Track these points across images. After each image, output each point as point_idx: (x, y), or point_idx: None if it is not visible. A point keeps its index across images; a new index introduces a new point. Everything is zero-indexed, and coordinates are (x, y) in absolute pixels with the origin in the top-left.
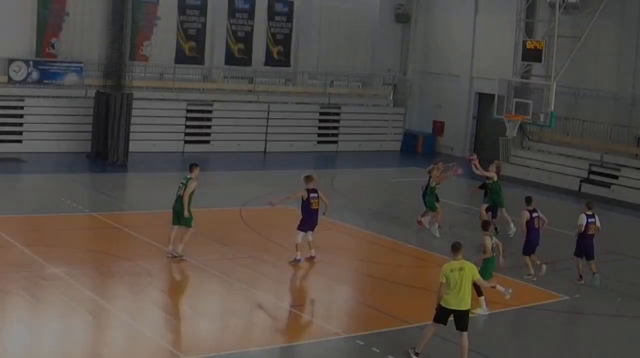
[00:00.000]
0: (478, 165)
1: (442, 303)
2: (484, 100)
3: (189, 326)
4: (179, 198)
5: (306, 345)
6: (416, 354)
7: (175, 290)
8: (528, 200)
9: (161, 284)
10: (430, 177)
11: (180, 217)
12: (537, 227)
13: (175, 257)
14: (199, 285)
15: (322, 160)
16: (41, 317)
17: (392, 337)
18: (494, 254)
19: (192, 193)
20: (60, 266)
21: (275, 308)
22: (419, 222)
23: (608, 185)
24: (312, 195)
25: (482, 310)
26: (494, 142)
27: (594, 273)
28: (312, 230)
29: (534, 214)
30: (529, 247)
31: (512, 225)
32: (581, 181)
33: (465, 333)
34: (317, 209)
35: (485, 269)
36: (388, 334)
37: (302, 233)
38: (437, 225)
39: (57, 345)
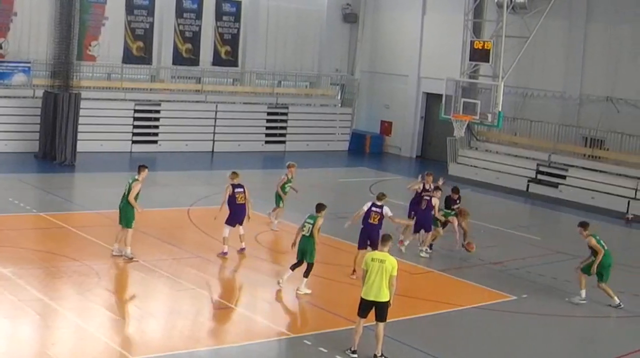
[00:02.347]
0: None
1: (362, 294)
2: (432, 100)
3: (136, 326)
4: (124, 198)
5: (254, 345)
6: (353, 352)
7: (123, 290)
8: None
9: (109, 284)
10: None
11: (121, 217)
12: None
13: (121, 256)
14: (146, 285)
15: (269, 160)
16: None
17: (339, 336)
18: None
19: (137, 194)
20: (8, 266)
21: (223, 309)
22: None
23: (556, 185)
24: (237, 190)
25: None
26: (441, 142)
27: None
28: (241, 223)
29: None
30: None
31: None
32: (529, 181)
33: (381, 324)
34: (243, 204)
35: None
36: (336, 334)
37: (229, 227)
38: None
39: (5, 346)
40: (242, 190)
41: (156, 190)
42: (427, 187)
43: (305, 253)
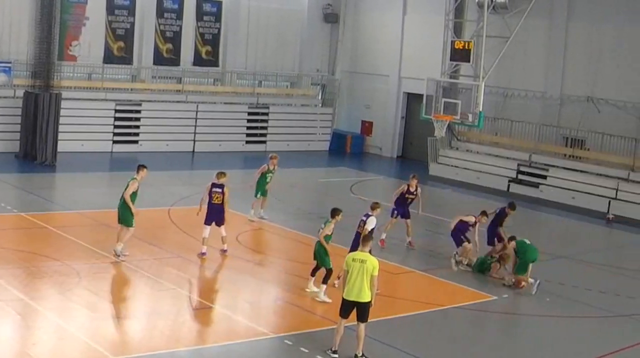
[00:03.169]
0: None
1: (344, 295)
2: (413, 100)
3: (117, 326)
4: (122, 198)
5: (235, 345)
6: (334, 352)
7: (104, 290)
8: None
9: (90, 284)
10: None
11: (120, 217)
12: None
13: (118, 256)
14: (127, 285)
15: (250, 160)
16: None
17: (320, 336)
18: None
19: (134, 193)
20: None
21: (204, 309)
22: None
23: (536, 185)
24: (214, 189)
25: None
26: (422, 142)
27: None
28: (218, 224)
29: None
30: None
31: None
32: (510, 181)
33: (362, 325)
34: (219, 204)
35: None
36: (316, 334)
37: (207, 227)
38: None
39: None
40: (220, 190)
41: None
42: (411, 189)
43: (317, 258)
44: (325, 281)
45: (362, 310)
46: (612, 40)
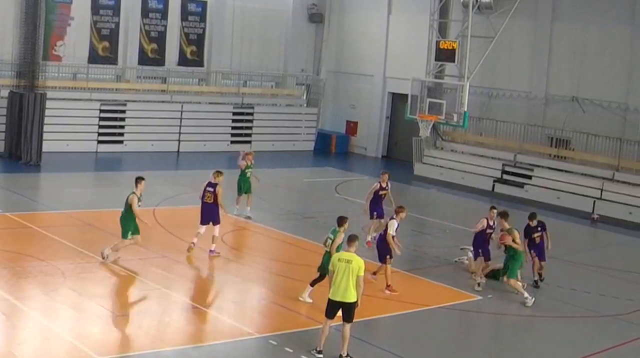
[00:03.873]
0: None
1: (330, 295)
2: (398, 100)
3: (102, 326)
4: (123, 211)
5: (219, 345)
6: (319, 352)
7: (89, 290)
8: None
9: (74, 284)
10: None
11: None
12: None
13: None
14: (112, 285)
15: (235, 160)
16: None
17: (305, 336)
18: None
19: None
20: None
21: (189, 309)
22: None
23: (521, 185)
24: (207, 188)
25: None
26: (407, 142)
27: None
28: (211, 223)
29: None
30: None
31: None
32: (494, 181)
33: (348, 325)
34: (209, 203)
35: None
36: (301, 334)
37: (203, 226)
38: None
39: None
40: (212, 189)
41: (121, 190)
42: (382, 185)
43: (323, 269)
44: (313, 283)
45: (347, 310)
46: (597, 40)
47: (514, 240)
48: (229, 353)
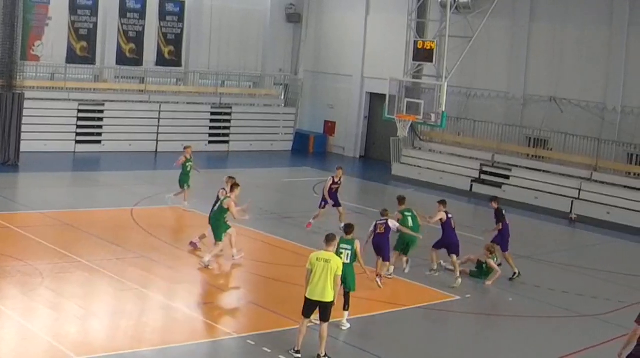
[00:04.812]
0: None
1: (307, 294)
2: (376, 100)
3: (80, 326)
4: (214, 213)
5: (198, 345)
6: (297, 352)
7: (67, 290)
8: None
9: (53, 284)
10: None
11: (213, 230)
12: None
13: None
14: (90, 285)
15: (213, 160)
16: None
17: (283, 336)
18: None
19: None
20: None
21: (167, 309)
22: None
23: (499, 185)
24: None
25: (343, 325)
26: (385, 142)
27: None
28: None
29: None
30: None
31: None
32: (472, 181)
33: (325, 324)
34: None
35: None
36: (279, 334)
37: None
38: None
39: None
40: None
41: (100, 190)
42: (336, 179)
43: (345, 281)
44: (346, 306)
45: (325, 309)
46: (575, 40)
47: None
48: (207, 353)
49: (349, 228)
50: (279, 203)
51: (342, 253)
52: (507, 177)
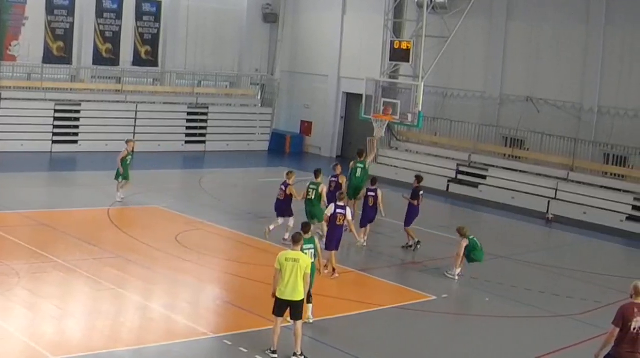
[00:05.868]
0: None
1: (277, 294)
2: (352, 100)
3: (57, 326)
4: (310, 202)
5: (174, 345)
6: (273, 352)
7: (44, 290)
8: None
9: (29, 284)
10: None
11: (314, 217)
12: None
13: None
14: (67, 285)
15: (190, 160)
16: None
17: (259, 336)
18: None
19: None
20: None
21: (143, 309)
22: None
23: (476, 185)
24: (281, 187)
25: (308, 319)
26: (361, 142)
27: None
28: (285, 215)
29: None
30: None
31: None
32: (449, 181)
33: (299, 322)
34: (281, 200)
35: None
36: (256, 334)
37: (279, 218)
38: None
39: None
40: (284, 188)
41: (76, 190)
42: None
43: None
44: (309, 300)
45: (295, 308)
46: (552, 40)
47: None
48: (184, 353)
49: (306, 227)
50: (255, 203)
51: (306, 253)
52: (484, 177)
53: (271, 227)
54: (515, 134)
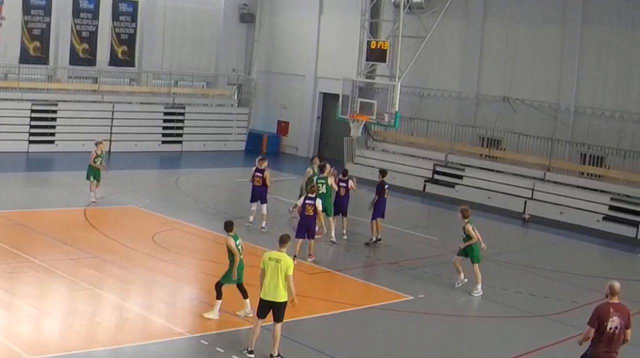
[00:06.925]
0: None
1: (261, 295)
2: (329, 100)
3: (33, 326)
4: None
5: (151, 345)
6: (250, 352)
7: (20, 290)
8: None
9: (6, 284)
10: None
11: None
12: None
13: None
14: (43, 285)
15: (166, 160)
16: None
17: (236, 336)
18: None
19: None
20: None
21: (120, 309)
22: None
23: (452, 185)
24: (256, 173)
25: (244, 312)
26: (338, 142)
27: None
28: (259, 202)
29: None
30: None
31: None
32: (426, 181)
33: (279, 324)
34: (258, 186)
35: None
36: (232, 334)
37: (253, 204)
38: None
39: None
40: (260, 174)
41: (53, 190)
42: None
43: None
44: (245, 295)
45: (278, 310)
46: (528, 40)
47: None
48: (160, 353)
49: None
50: (231, 203)
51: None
52: (461, 177)
53: (250, 219)
54: (491, 134)
